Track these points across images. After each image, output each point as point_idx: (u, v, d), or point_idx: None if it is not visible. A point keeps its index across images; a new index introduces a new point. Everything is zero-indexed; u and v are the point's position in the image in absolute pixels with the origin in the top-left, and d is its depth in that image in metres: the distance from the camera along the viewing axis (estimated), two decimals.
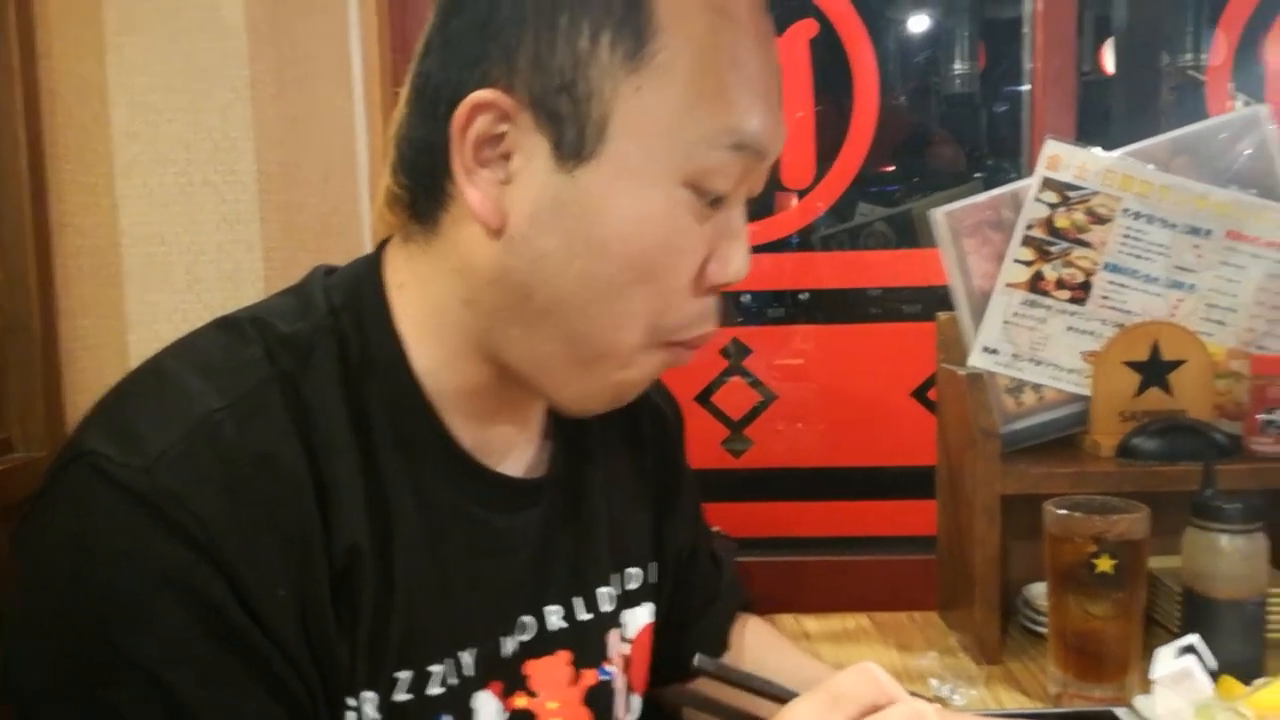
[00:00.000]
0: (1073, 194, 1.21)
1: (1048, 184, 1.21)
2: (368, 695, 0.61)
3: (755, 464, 1.64)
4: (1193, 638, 0.93)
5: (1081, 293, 1.23)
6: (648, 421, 0.87)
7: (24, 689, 0.55)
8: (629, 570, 0.81)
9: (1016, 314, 1.23)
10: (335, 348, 0.63)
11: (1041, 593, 1.14)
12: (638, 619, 0.82)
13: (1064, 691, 1.07)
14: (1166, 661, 0.91)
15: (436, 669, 0.65)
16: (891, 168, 2.23)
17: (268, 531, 0.56)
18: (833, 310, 1.76)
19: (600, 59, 0.58)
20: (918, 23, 2.60)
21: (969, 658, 1.22)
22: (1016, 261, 1.23)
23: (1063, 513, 1.05)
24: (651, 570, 0.84)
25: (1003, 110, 2.45)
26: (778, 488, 1.67)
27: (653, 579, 0.84)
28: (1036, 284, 1.23)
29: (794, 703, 0.58)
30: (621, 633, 0.80)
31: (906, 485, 1.57)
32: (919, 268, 1.56)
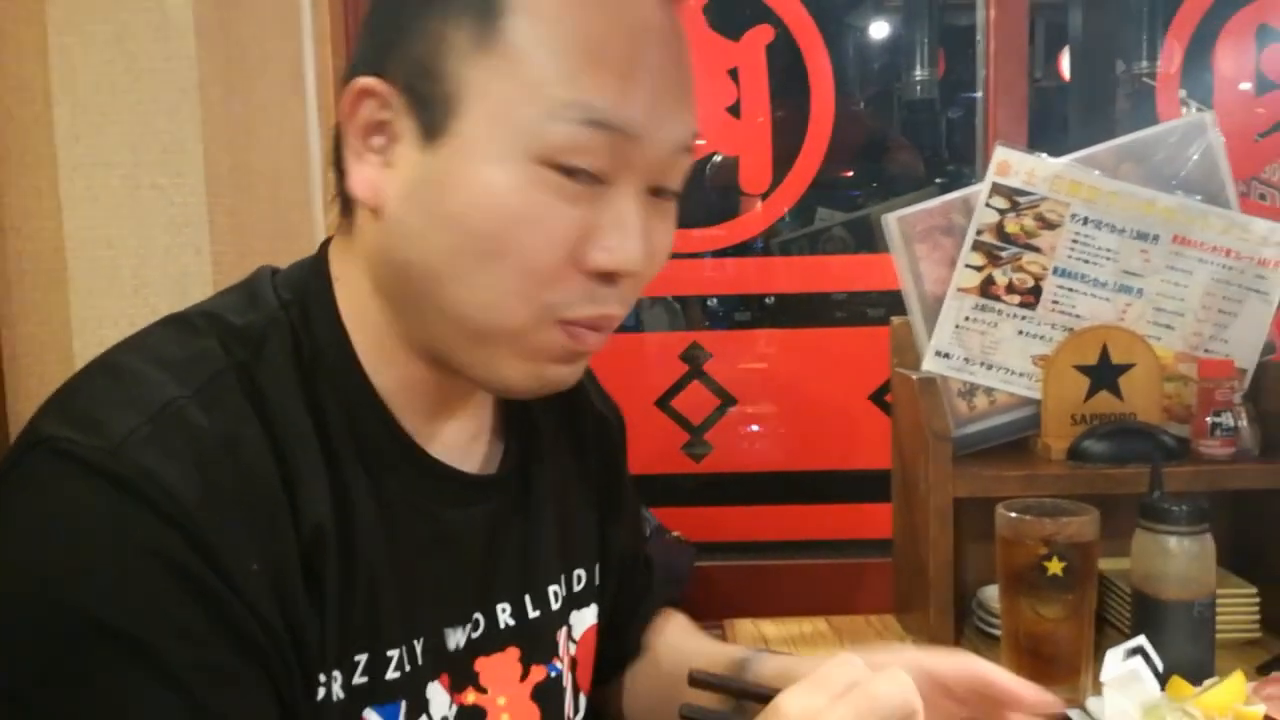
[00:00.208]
0: (1022, 199, 1.22)
1: (997, 189, 1.22)
2: (336, 674, 0.62)
3: (715, 468, 1.64)
4: (1140, 640, 0.94)
5: (1032, 297, 1.24)
6: (590, 426, 0.88)
7: (3, 682, 0.54)
8: (576, 571, 0.82)
9: (968, 318, 1.24)
10: (287, 339, 0.64)
11: (995, 595, 1.14)
12: (584, 620, 0.83)
13: None
14: (1114, 664, 0.91)
15: (393, 654, 0.66)
16: (851, 173, 2.24)
17: (237, 508, 0.57)
18: (796, 314, 1.77)
19: (454, 41, 0.60)
20: (878, 29, 2.62)
21: None
22: (968, 266, 1.24)
23: (1013, 515, 1.05)
24: (596, 572, 0.85)
25: (961, 116, 2.48)
26: (737, 492, 1.67)
27: (597, 581, 0.85)
28: (987, 289, 1.24)
29: (786, 690, 0.59)
30: (569, 632, 0.81)
31: (865, 489, 1.58)
32: (877, 272, 1.56)
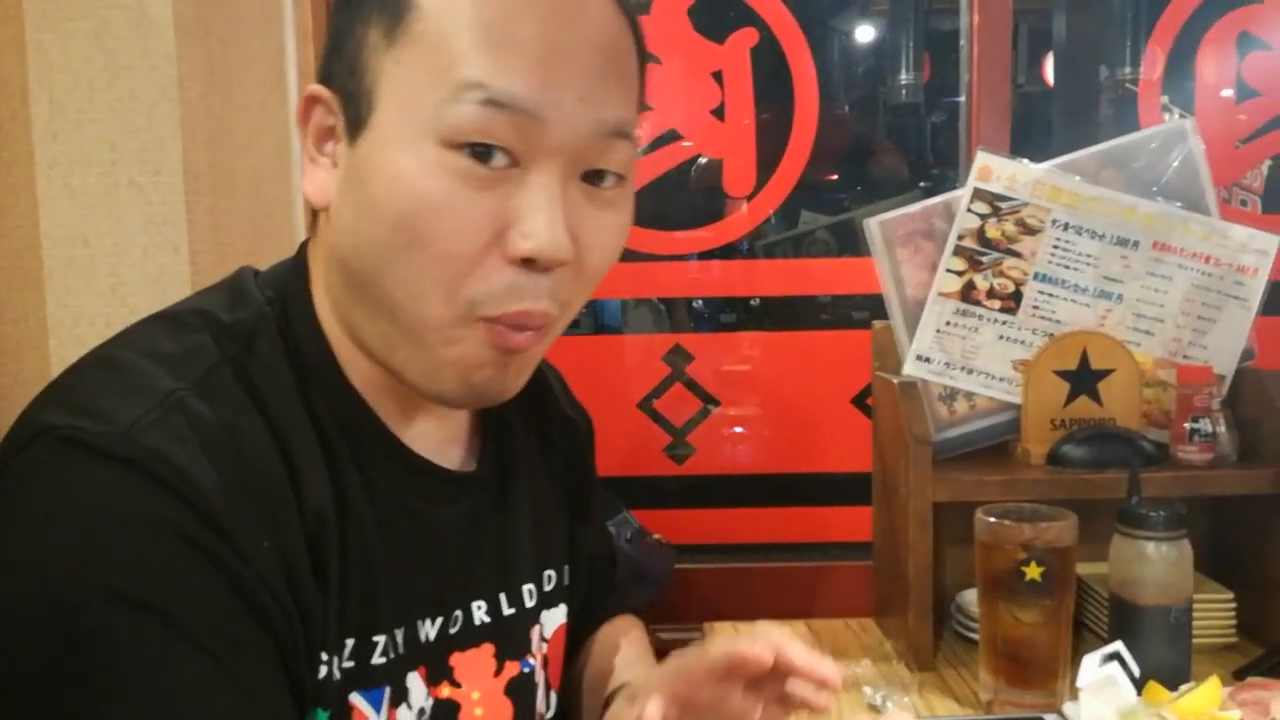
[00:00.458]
0: (1003, 205, 1.23)
1: (979, 195, 1.23)
2: (335, 654, 0.64)
3: (697, 471, 1.64)
4: (1117, 645, 0.95)
5: (1012, 302, 1.24)
6: (559, 430, 0.90)
7: (18, 675, 0.53)
8: (547, 571, 0.84)
9: (949, 323, 1.24)
10: (276, 335, 0.66)
11: (974, 599, 1.14)
12: (554, 619, 0.85)
13: (995, 698, 1.08)
14: (1091, 669, 0.92)
15: (378, 639, 0.67)
16: (835, 176, 2.24)
17: (245, 490, 0.58)
18: (780, 317, 1.77)
19: (369, 38, 0.62)
20: (863, 33, 2.62)
21: (903, 665, 1.23)
22: (949, 271, 1.24)
23: (992, 520, 1.06)
24: (565, 573, 0.87)
25: (945, 120, 2.48)
26: (719, 494, 1.66)
27: (566, 582, 0.87)
28: (968, 293, 1.24)
29: None
30: (541, 631, 0.83)
31: (846, 492, 1.58)
32: (861, 275, 1.56)
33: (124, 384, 0.59)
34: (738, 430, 1.66)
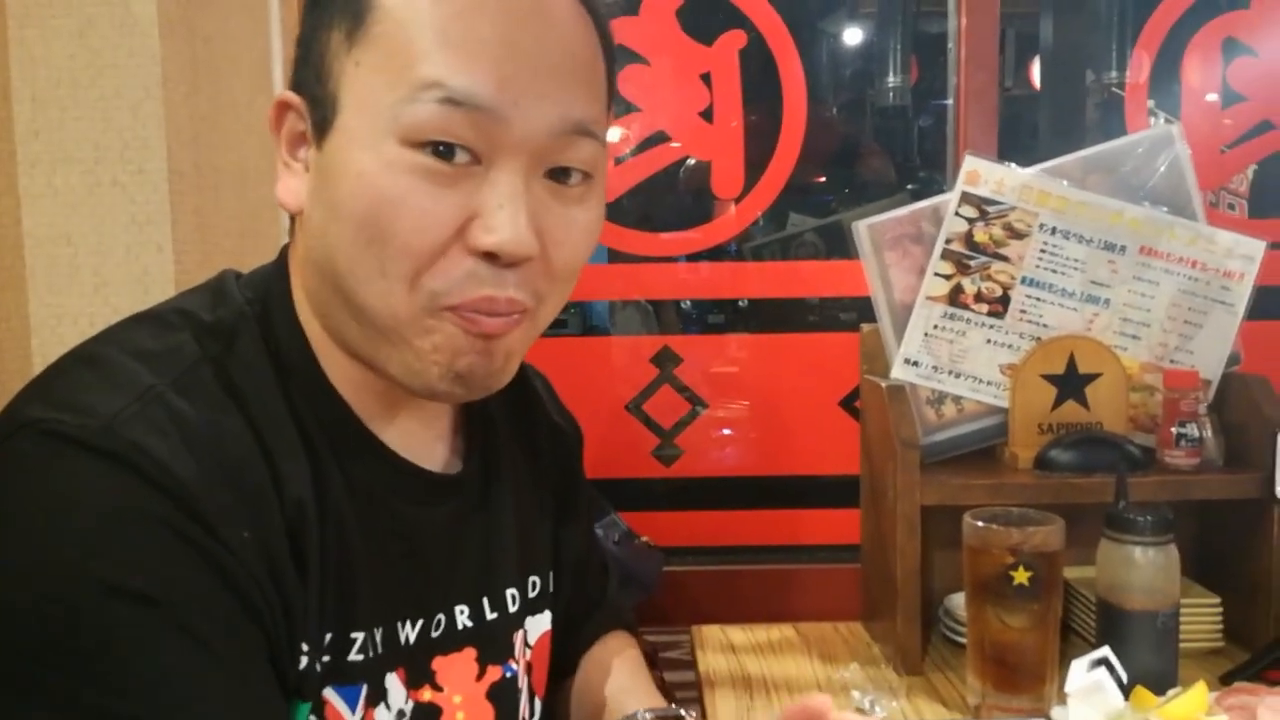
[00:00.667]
0: (991, 209, 1.23)
1: (966, 199, 1.23)
2: (314, 647, 0.64)
3: (685, 473, 1.63)
4: (1105, 650, 0.94)
5: (1000, 306, 1.24)
6: (545, 436, 0.90)
7: (7, 666, 0.53)
8: (531, 578, 0.84)
9: (937, 326, 1.24)
10: (257, 335, 0.67)
11: (962, 603, 1.14)
12: (539, 625, 0.85)
13: (983, 703, 1.08)
14: (1079, 674, 0.91)
15: (356, 636, 0.67)
16: (823, 179, 2.24)
17: (225, 481, 0.59)
18: (768, 319, 1.77)
19: (333, 44, 0.63)
20: (851, 36, 2.63)
21: (891, 669, 1.22)
22: (936, 275, 1.24)
23: (980, 524, 1.05)
24: (550, 579, 0.87)
25: (933, 123, 2.49)
26: (707, 496, 1.66)
27: (551, 587, 0.87)
28: (956, 297, 1.24)
29: None
30: (525, 636, 0.83)
31: (834, 494, 1.58)
32: (849, 278, 1.56)
33: (105, 379, 0.60)
34: (726, 432, 1.66)
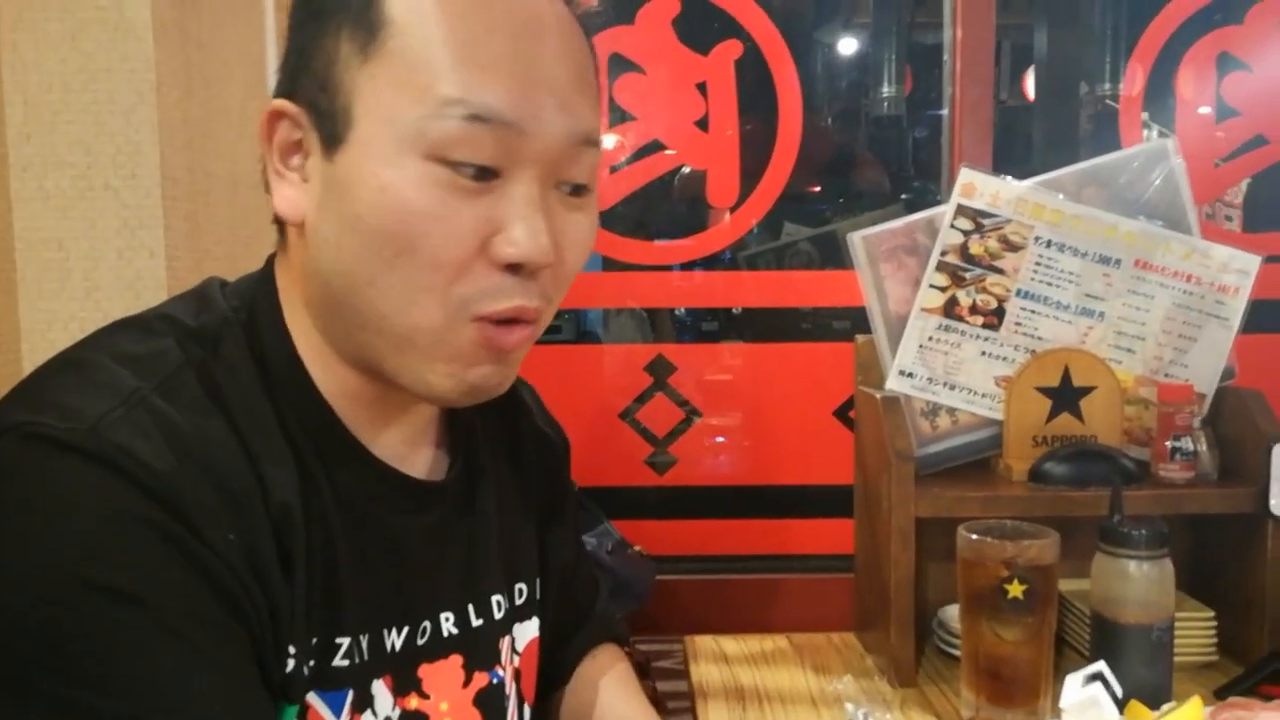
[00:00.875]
0: (986, 221, 1.23)
1: (962, 211, 1.23)
2: (300, 650, 0.64)
3: (678, 481, 1.63)
4: (1100, 665, 0.94)
5: (995, 319, 1.24)
6: (531, 443, 0.91)
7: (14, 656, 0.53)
8: (518, 585, 0.84)
9: (932, 338, 1.24)
10: (241, 340, 0.67)
11: (956, 615, 1.14)
12: (526, 632, 0.85)
13: (976, 716, 1.07)
14: (1074, 689, 0.91)
15: (341, 641, 0.67)
16: (818, 188, 2.24)
17: (210, 484, 0.59)
18: (763, 328, 1.77)
19: (342, 54, 0.63)
20: (846, 46, 2.63)
21: (884, 681, 1.22)
22: (931, 287, 1.24)
23: (975, 537, 1.05)
24: (536, 586, 0.88)
25: (927, 134, 2.49)
26: (700, 505, 1.66)
27: (538, 595, 0.88)
28: (951, 309, 1.24)
29: None
30: (513, 643, 0.83)
31: (827, 504, 1.57)
32: (844, 288, 1.56)
33: (89, 382, 0.60)
34: (719, 441, 1.65)
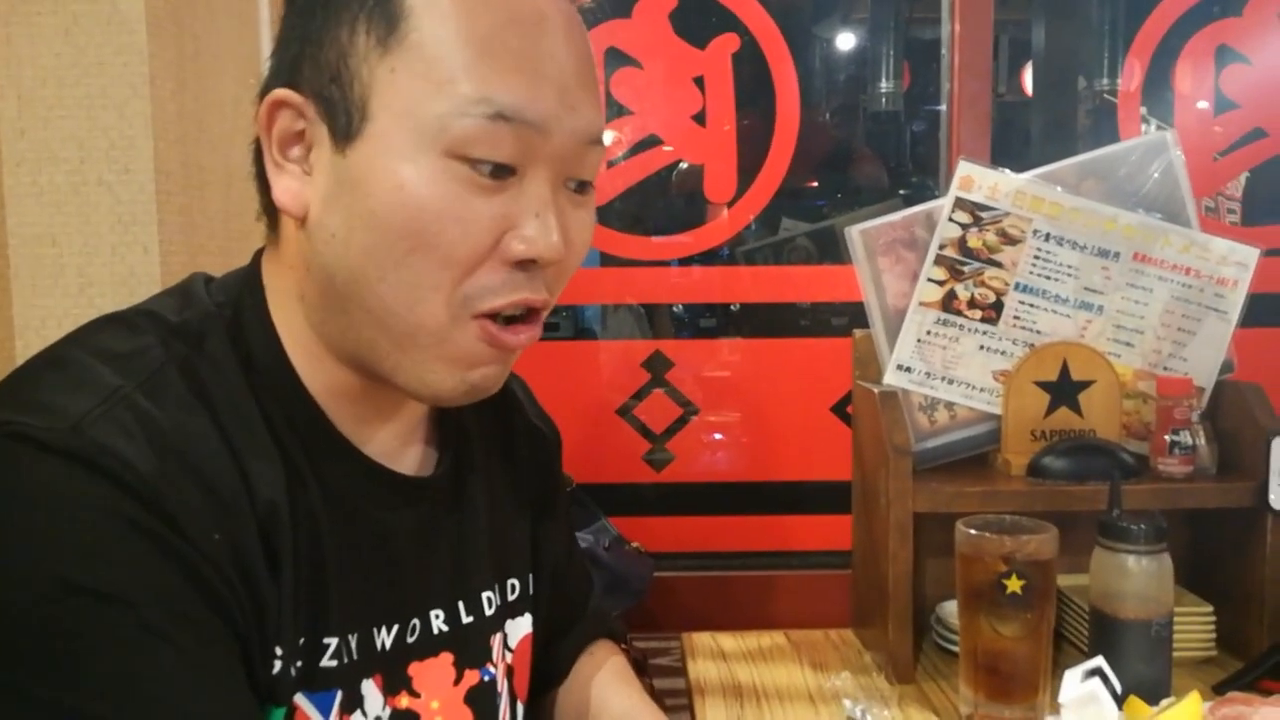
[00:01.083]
0: (985, 214, 1.22)
1: (960, 204, 1.22)
2: (287, 651, 0.64)
3: (676, 478, 1.62)
4: (1099, 660, 0.94)
5: (993, 312, 1.24)
6: (523, 438, 0.90)
7: None
8: (510, 580, 0.84)
9: (930, 332, 1.24)
10: (225, 336, 0.66)
11: (955, 611, 1.13)
12: (519, 629, 0.85)
13: (975, 712, 1.07)
14: (1073, 685, 0.91)
15: (329, 642, 0.67)
16: (815, 183, 2.24)
17: (194, 483, 0.58)
18: (760, 323, 1.76)
19: (358, 46, 0.62)
20: (844, 41, 2.63)
21: (882, 677, 1.22)
22: (930, 280, 1.23)
23: (973, 532, 1.05)
24: (529, 582, 0.87)
25: (925, 128, 2.49)
26: (698, 502, 1.65)
27: (530, 590, 0.87)
28: (949, 303, 1.23)
29: None
30: (505, 640, 0.82)
31: (825, 500, 1.57)
32: (841, 283, 1.56)
33: (71, 381, 0.59)
34: (717, 437, 1.65)
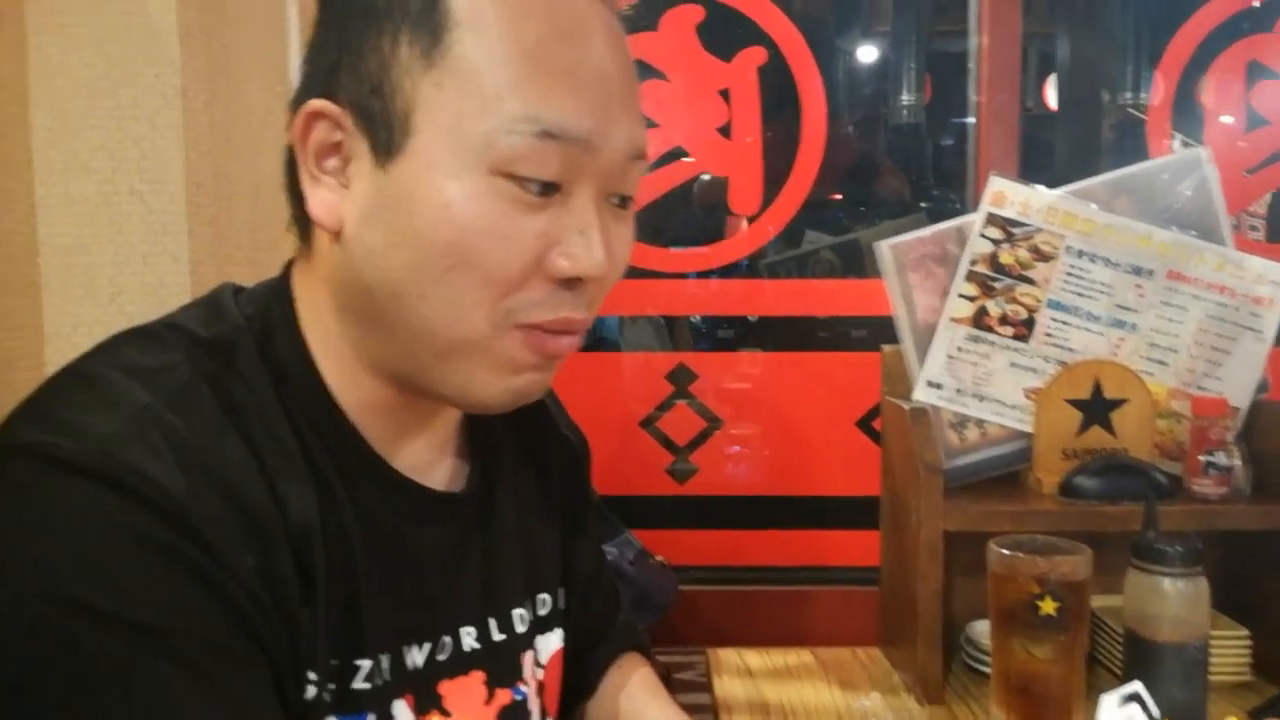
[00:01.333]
0: (1017, 230, 1.21)
1: (992, 220, 1.21)
2: (321, 675, 0.63)
3: (700, 491, 1.62)
4: (1136, 685, 0.92)
5: (1024, 329, 1.23)
6: (553, 451, 0.89)
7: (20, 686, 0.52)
8: (541, 595, 0.83)
9: (960, 349, 1.23)
10: (255, 351, 0.65)
11: (985, 630, 1.12)
12: (549, 644, 0.83)
13: None
14: (1110, 710, 0.89)
15: (361, 664, 0.66)
16: (839, 196, 2.23)
17: (226, 505, 0.57)
18: (783, 337, 1.75)
19: (401, 59, 0.61)
20: (867, 53, 2.62)
21: (911, 697, 1.20)
22: (960, 296, 1.22)
23: (1006, 553, 1.03)
24: (560, 596, 0.86)
25: (949, 142, 2.48)
26: (722, 515, 1.64)
27: (562, 605, 0.86)
28: (980, 319, 1.22)
29: None
30: (535, 656, 0.81)
31: (852, 515, 1.56)
32: (866, 297, 1.55)
33: (99, 399, 0.58)
34: (741, 450, 1.64)
